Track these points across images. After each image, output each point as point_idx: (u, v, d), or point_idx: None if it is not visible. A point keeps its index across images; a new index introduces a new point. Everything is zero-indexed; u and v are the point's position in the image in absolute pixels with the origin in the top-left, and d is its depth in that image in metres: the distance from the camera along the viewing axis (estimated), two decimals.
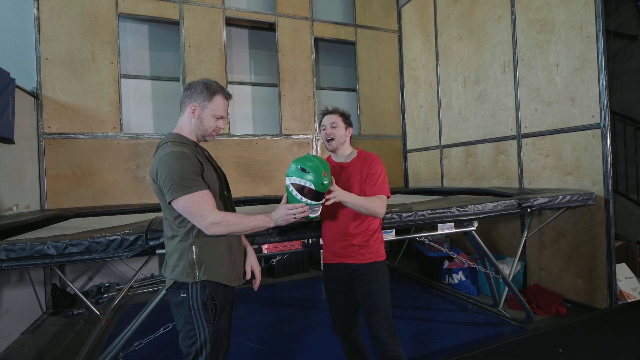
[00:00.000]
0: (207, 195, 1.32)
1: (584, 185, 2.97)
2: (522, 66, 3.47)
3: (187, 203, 1.28)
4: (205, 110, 1.42)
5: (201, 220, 1.29)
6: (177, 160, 1.29)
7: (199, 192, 1.29)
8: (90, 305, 3.09)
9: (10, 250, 1.62)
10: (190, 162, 1.32)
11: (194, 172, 1.31)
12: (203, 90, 1.42)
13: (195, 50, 4.26)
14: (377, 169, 1.71)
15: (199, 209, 1.28)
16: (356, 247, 1.70)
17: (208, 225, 1.30)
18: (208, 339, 1.35)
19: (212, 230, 1.31)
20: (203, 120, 1.43)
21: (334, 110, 1.81)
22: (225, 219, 1.32)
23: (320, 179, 1.41)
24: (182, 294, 1.35)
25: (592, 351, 2.08)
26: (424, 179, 5.00)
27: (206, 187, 1.33)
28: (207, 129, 1.44)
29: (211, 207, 1.31)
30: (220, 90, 1.46)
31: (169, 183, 1.28)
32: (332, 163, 1.82)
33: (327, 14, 5.10)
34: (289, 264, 4.41)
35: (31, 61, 3.66)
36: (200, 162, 1.36)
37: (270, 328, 2.92)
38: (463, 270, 3.62)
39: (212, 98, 1.43)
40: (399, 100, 5.44)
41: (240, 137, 4.47)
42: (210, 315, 1.35)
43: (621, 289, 2.93)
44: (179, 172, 1.28)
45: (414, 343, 2.57)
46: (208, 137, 1.48)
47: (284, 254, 2.36)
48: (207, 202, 1.30)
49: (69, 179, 3.71)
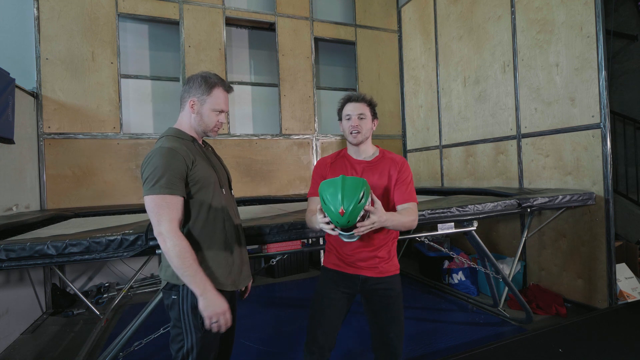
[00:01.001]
0: (175, 203, 1.23)
1: (584, 185, 2.97)
2: (522, 66, 3.47)
3: (151, 203, 1.21)
4: (204, 105, 1.36)
5: (155, 225, 1.21)
6: (163, 158, 1.24)
7: (167, 196, 1.21)
8: (90, 305, 3.10)
9: (10, 250, 1.62)
10: (176, 162, 1.25)
11: (174, 174, 1.23)
12: (201, 84, 1.36)
13: (195, 50, 4.26)
14: (409, 174, 1.55)
15: (158, 212, 1.21)
16: (379, 259, 1.53)
17: (157, 233, 1.21)
18: (195, 345, 1.28)
19: (158, 239, 1.22)
20: (203, 115, 1.37)
21: (362, 98, 1.56)
22: (176, 242, 1.20)
23: (335, 217, 1.22)
24: (173, 296, 1.31)
25: (592, 351, 2.08)
26: (424, 179, 5.00)
27: (180, 194, 1.25)
28: (207, 124, 1.38)
29: (171, 218, 1.21)
30: (220, 82, 1.39)
31: (146, 178, 1.24)
32: (351, 160, 1.60)
33: (327, 14, 5.10)
34: (289, 264, 4.41)
35: (31, 61, 3.66)
36: (191, 158, 1.30)
37: (270, 328, 2.92)
38: (463, 270, 3.62)
39: (211, 91, 1.36)
40: (399, 100, 5.44)
41: (240, 137, 4.48)
42: (199, 321, 1.28)
43: (621, 289, 2.93)
44: (159, 170, 1.22)
45: (414, 343, 2.57)
46: (210, 132, 1.41)
47: (284, 254, 2.35)
48: (169, 209, 1.21)
49: (69, 179, 3.71)
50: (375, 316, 1.56)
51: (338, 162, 1.63)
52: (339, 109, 1.62)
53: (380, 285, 1.54)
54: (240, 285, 1.45)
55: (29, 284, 3.23)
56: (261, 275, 4.45)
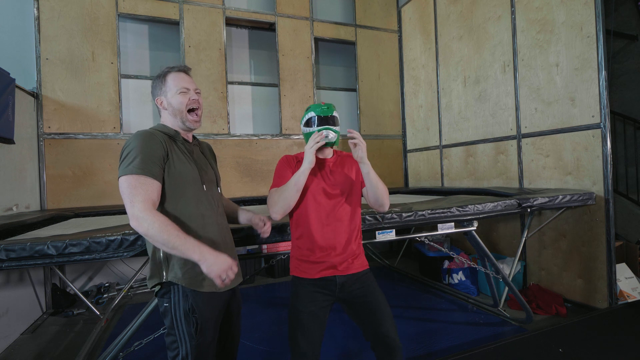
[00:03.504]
0: (150, 184, 1.19)
1: (584, 185, 2.97)
2: (522, 66, 3.47)
3: (124, 183, 1.17)
4: (167, 95, 1.37)
5: (129, 206, 1.16)
6: (140, 139, 1.23)
7: (141, 177, 1.17)
8: (90, 305, 3.09)
9: (10, 250, 1.62)
10: (153, 144, 1.23)
11: (150, 156, 1.21)
12: (156, 80, 1.40)
13: (195, 50, 4.26)
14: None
15: (131, 193, 1.16)
16: (354, 254, 1.56)
17: (131, 215, 1.15)
18: (190, 353, 1.27)
19: (133, 224, 1.15)
20: (172, 104, 1.36)
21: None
22: (153, 219, 1.14)
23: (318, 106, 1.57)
24: (165, 304, 1.29)
25: (592, 351, 2.08)
26: (424, 179, 5.00)
27: (156, 178, 1.21)
28: (179, 108, 1.36)
29: (145, 198, 1.16)
30: (170, 68, 1.40)
31: (122, 160, 1.21)
32: (318, 159, 1.60)
33: (327, 14, 5.10)
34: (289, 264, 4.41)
35: (31, 61, 3.66)
36: (167, 148, 1.28)
37: (270, 328, 2.92)
38: (463, 270, 3.62)
39: (165, 80, 1.38)
40: (399, 100, 5.44)
41: (240, 137, 4.47)
42: (192, 329, 1.27)
43: (621, 289, 2.93)
44: (135, 151, 1.20)
45: (414, 343, 2.57)
46: (189, 120, 1.37)
47: (284, 254, 2.35)
48: (144, 190, 1.17)
49: (69, 179, 3.71)
50: (364, 320, 1.54)
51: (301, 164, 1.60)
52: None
53: (356, 285, 1.54)
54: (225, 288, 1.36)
55: (29, 284, 3.23)
56: (261, 275, 4.45)
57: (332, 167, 1.62)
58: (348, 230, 1.56)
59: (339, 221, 1.55)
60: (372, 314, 1.51)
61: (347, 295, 1.55)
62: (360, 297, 1.54)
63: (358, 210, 1.64)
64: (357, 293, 1.54)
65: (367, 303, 1.53)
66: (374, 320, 1.51)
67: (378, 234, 2.21)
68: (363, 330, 1.56)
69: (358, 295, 1.54)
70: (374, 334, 1.51)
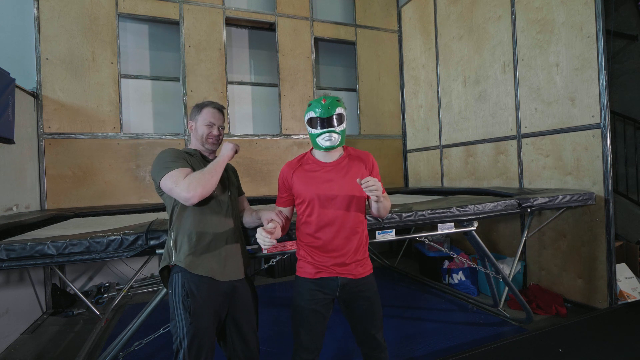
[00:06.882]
0: (186, 171, 1.45)
1: (584, 185, 2.97)
2: (522, 66, 3.47)
3: (166, 180, 1.42)
4: (197, 123, 1.65)
5: (177, 189, 1.39)
6: (167, 152, 1.53)
7: (179, 169, 1.44)
8: (90, 305, 3.10)
9: (10, 250, 1.62)
10: (180, 153, 1.53)
11: (177, 157, 1.49)
12: (194, 109, 1.68)
13: (195, 50, 4.26)
14: (377, 168, 1.61)
15: (173, 180, 1.41)
16: (359, 259, 1.57)
17: (181, 190, 1.38)
18: (185, 336, 1.41)
19: (189, 195, 1.38)
20: (197, 130, 1.65)
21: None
22: (191, 176, 1.42)
23: (318, 103, 1.49)
24: (170, 291, 1.48)
25: (592, 351, 2.08)
26: (424, 179, 5.00)
27: (187, 166, 1.48)
28: (200, 135, 1.64)
29: (184, 176, 1.42)
30: (209, 104, 1.67)
31: (156, 169, 1.47)
32: (319, 163, 1.59)
33: (327, 14, 5.10)
34: (289, 264, 4.41)
35: (31, 61, 3.66)
36: (184, 155, 1.54)
37: (270, 328, 2.92)
38: (463, 270, 3.62)
39: (201, 111, 1.65)
40: (399, 100, 5.44)
41: (240, 137, 4.48)
42: (187, 313, 1.42)
43: (621, 289, 2.93)
44: (164, 158, 1.49)
45: (414, 343, 2.57)
46: (205, 143, 1.65)
47: (284, 254, 2.35)
48: (182, 174, 1.42)
49: (69, 179, 3.71)
50: (359, 320, 1.59)
51: (305, 167, 1.59)
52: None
53: (358, 288, 1.56)
54: (227, 277, 1.54)
55: (29, 284, 3.23)
56: (261, 275, 4.45)
57: (340, 170, 1.57)
58: (353, 234, 1.56)
59: (344, 224, 1.55)
60: (365, 317, 1.58)
61: (346, 296, 1.58)
62: (358, 299, 1.57)
63: (363, 213, 1.63)
64: (356, 295, 1.57)
65: (363, 306, 1.58)
66: (365, 322, 1.58)
67: (378, 234, 2.21)
68: (352, 327, 1.64)
69: (356, 297, 1.57)
70: (363, 334, 1.60)
